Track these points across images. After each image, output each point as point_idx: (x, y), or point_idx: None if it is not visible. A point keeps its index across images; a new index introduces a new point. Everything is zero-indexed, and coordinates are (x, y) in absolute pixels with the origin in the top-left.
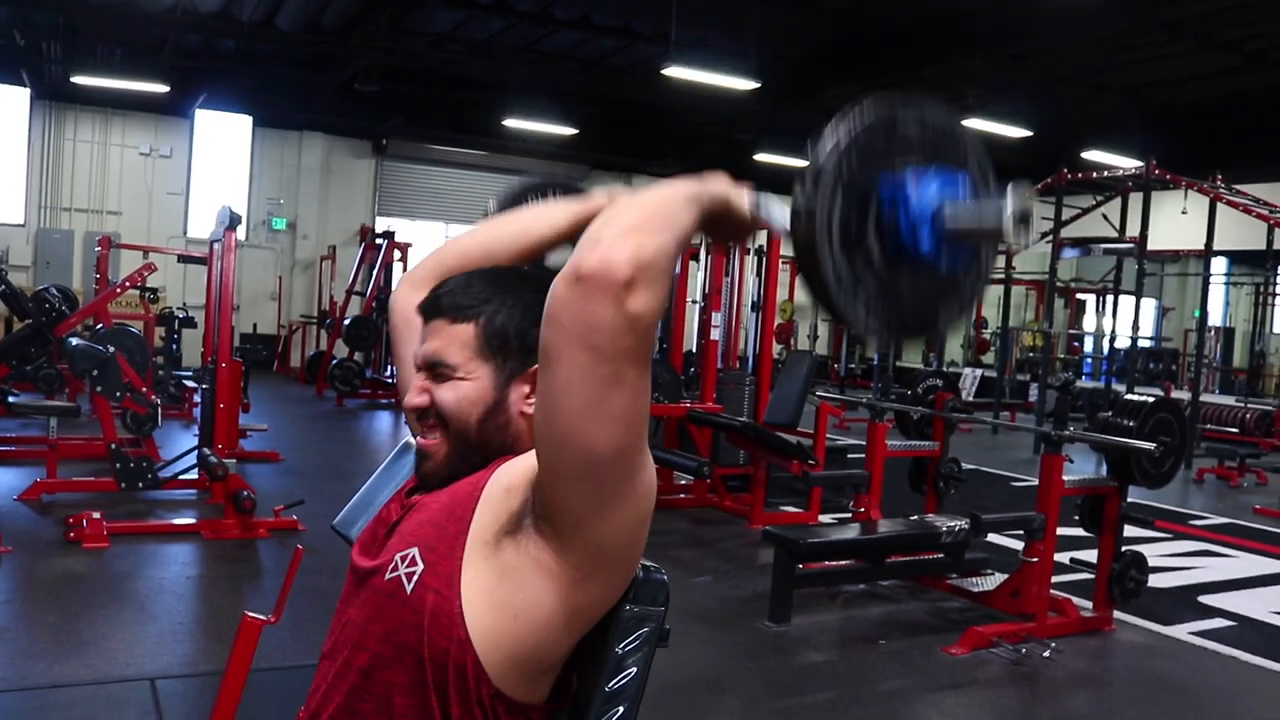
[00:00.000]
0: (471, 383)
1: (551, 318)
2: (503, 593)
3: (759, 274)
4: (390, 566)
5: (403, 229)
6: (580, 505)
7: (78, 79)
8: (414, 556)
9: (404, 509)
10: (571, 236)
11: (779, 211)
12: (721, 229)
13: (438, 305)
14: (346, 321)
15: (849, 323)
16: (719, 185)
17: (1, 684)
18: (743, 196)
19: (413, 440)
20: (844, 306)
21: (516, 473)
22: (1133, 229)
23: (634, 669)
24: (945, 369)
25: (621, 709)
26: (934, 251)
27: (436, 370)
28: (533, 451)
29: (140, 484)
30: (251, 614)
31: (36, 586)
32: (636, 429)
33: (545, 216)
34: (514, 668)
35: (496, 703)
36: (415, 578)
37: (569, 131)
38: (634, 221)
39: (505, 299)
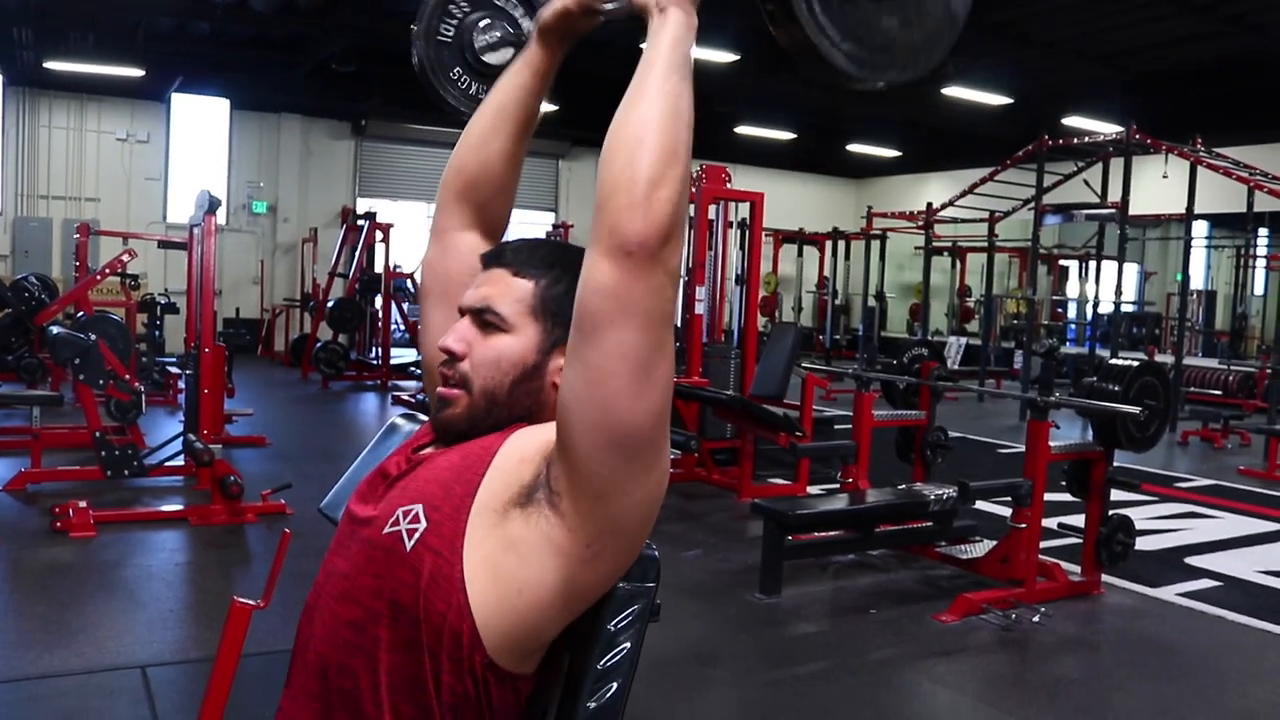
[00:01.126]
0: (516, 339)
1: (598, 288)
2: (508, 565)
3: (742, 247)
4: (390, 520)
5: (384, 209)
6: (609, 476)
7: (51, 65)
8: (417, 513)
9: (410, 463)
10: (540, 85)
11: None
12: None
13: (502, 255)
14: (330, 304)
15: (827, 62)
16: (687, 22)
17: None
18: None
19: (399, 421)
20: (820, 44)
21: (531, 444)
22: (1114, 194)
23: (626, 645)
24: (930, 338)
25: (614, 685)
26: None
27: (484, 317)
28: (549, 425)
29: (126, 472)
30: (241, 599)
31: (24, 577)
32: (671, 393)
33: (506, 83)
34: (510, 640)
35: (488, 672)
36: (416, 535)
37: (549, 108)
38: (663, 148)
39: (569, 270)
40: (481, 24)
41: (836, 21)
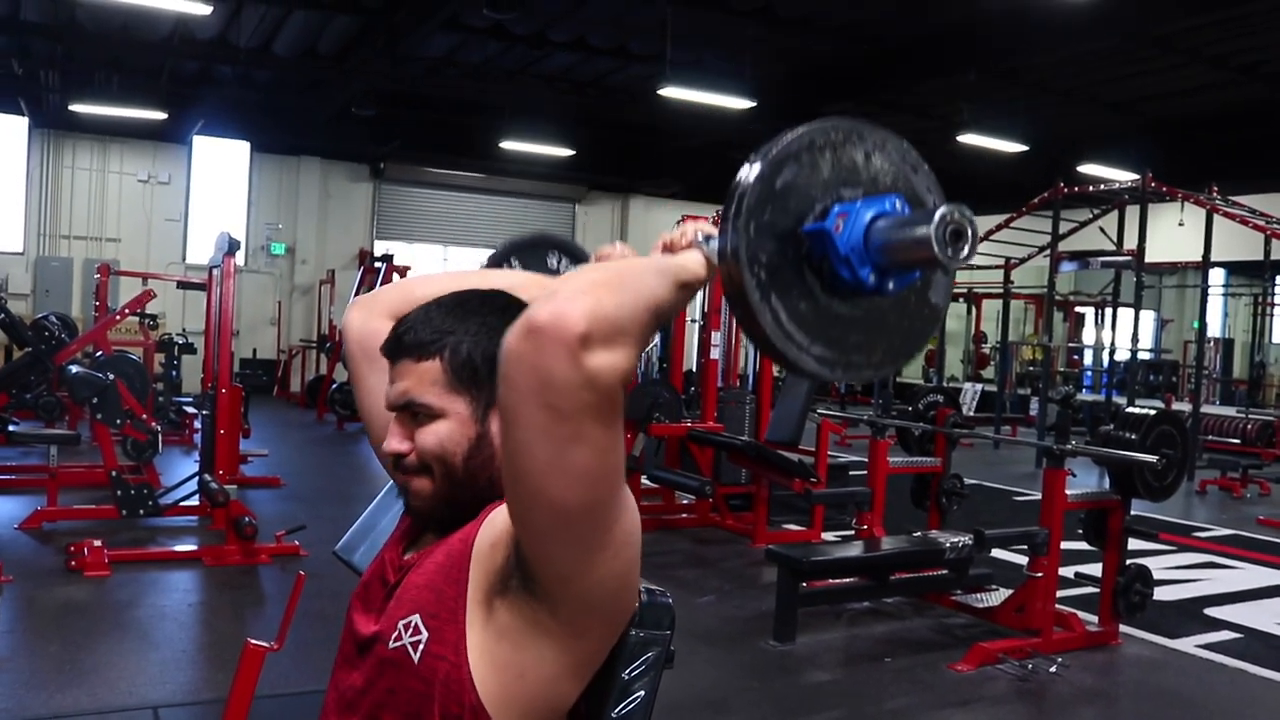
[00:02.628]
0: (450, 420)
1: (506, 375)
2: (504, 654)
3: None
4: (394, 635)
5: (401, 252)
6: (561, 560)
7: (76, 107)
8: (416, 624)
9: (400, 570)
10: None
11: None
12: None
13: (400, 344)
14: None
15: (795, 366)
16: (690, 257)
17: (5, 714)
18: (700, 262)
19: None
20: (787, 351)
21: (499, 527)
22: (1130, 242)
23: (641, 694)
24: (945, 384)
25: None
26: (876, 281)
27: (412, 410)
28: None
29: (141, 511)
30: (255, 641)
31: (38, 616)
32: (606, 484)
33: (517, 285)
34: None
35: None
36: (421, 647)
37: (566, 153)
38: (594, 279)
39: (468, 326)
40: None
41: (806, 327)
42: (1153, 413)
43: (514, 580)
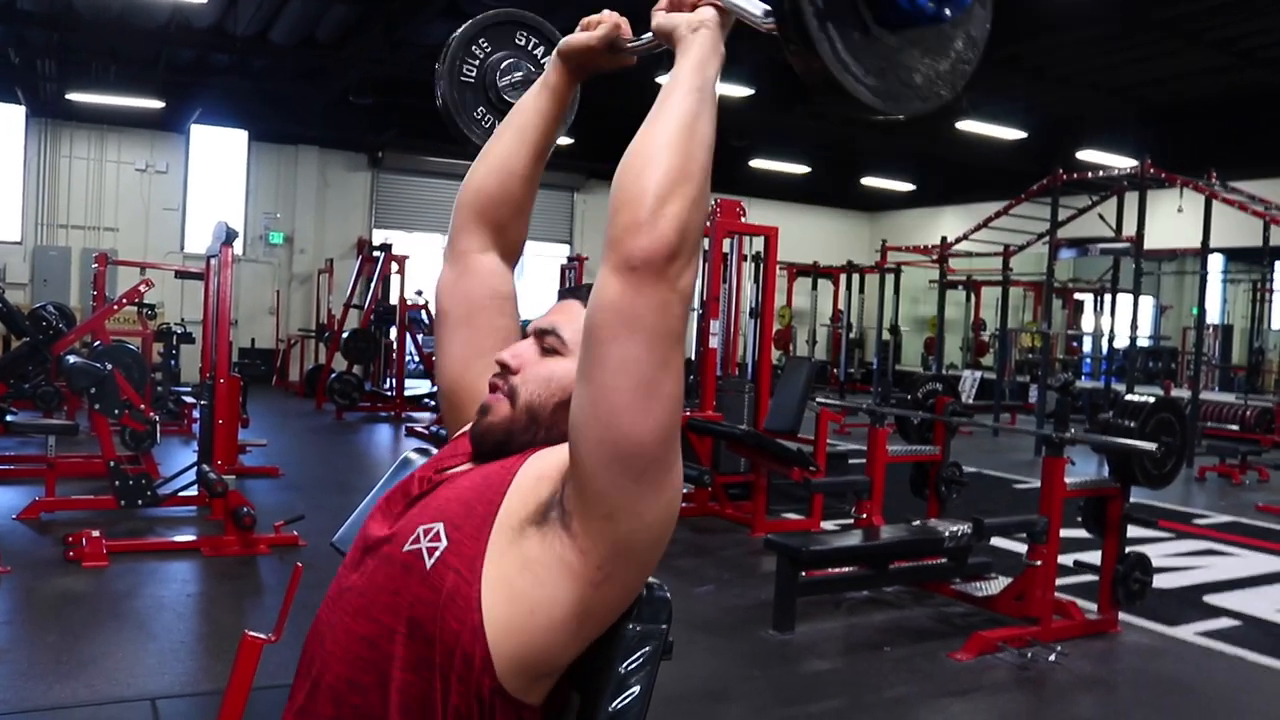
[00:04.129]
0: (572, 364)
1: (604, 304)
2: (522, 585)
3: (756, 280)
4: (411, 537)
5: (400, 241)
6: (617, 495)
7: (73, 96)
8: (438, 532)
9: (431, 483)
10: (559, 109)
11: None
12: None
13: (578, 290)
14: (345, 335)
15: (853, 98)
16: (710, 46)
17: (2, 705)
18: (715, 23)
19: (413, 455)
20: (844, 81)
21: (550, 462)
22: (1129, 228)
23: (637, 688)
24: (945, 371)
25: None
26: (935, 9)
27: (546, 340)
28: (564, 447)
29: (139, 501)
30: (252, 633)
31: (36, 606)
32: (679, 411)
33: (523, 107)
34: (519, 664)
35: (495, 697)
36: (437, 553)
37: (564, 141)
38: (673, 166)
39: None
40: (504, 64)
41: (860, 57)
42: (1152, 400)
43: (554, 514)
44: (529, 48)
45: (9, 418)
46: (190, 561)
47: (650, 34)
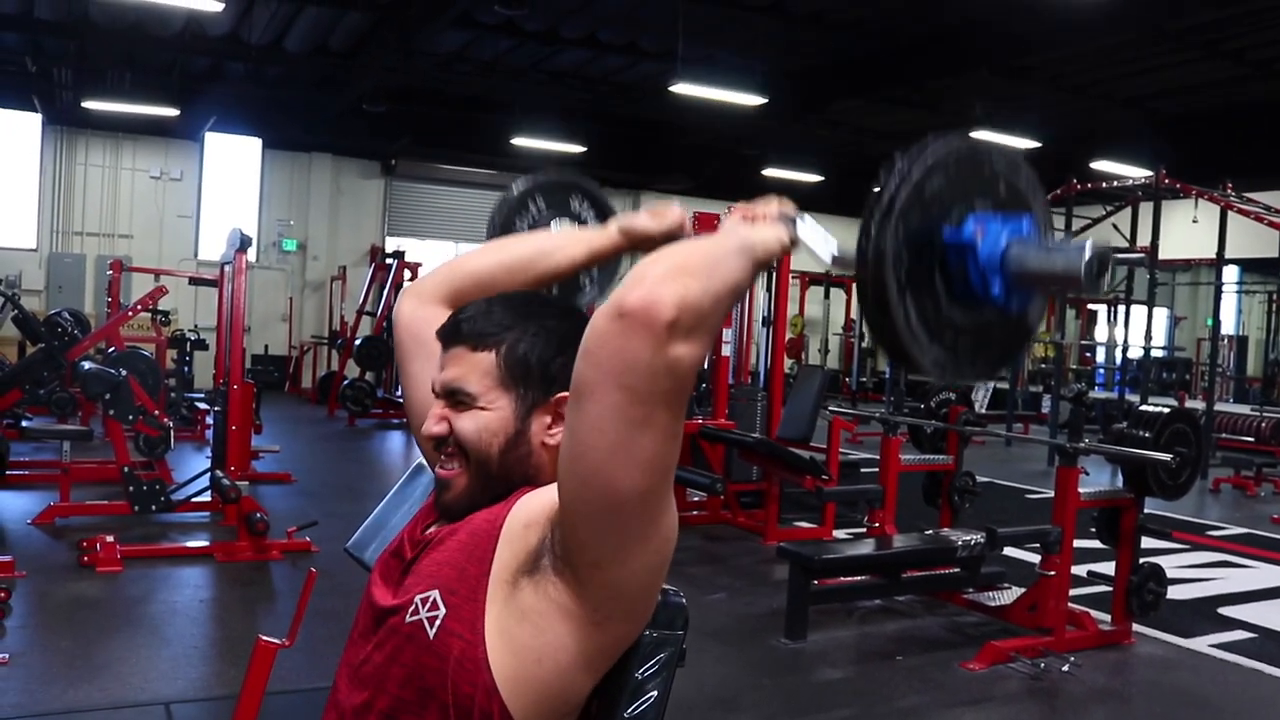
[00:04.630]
0: (492, 412)
1: (588, 352)
2: (524, 636)
3: (769, 289)
4: (410, 609)
5: (412, 248)
6: (600, 546)
7: (89, 104)
8: (435, 600)
9: (420, 545)
10: (586, 268)
11: (818, 240)
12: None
13: (458, 331)
14: (357, 342)
15: (915, 365)
16: (771, 234)
17: (17, 710)
18: (785, 233)
19: (425, 463)
20: (911, 350)
21: (535, 508)
22: (1143, 239)
23: (653, 694)
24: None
25: None
26: (1003, 296)
27: (456, 398)
28: (553, 486)
29: (153, 507)
30: (266, 638)
31: (50, 611)
32: (663, 474)
33: (560, 244)
34: (538, 710)
35: None
36: (438, 622)
37: (577, 149)
38: (682, 263)
39: (528, 326)
40: (553, 224)
41: (928, 330)
42: (1167, 411)
43: (545, 561)
44: (580, 213)
45: (24, 423)
46: (203, 567)
47: None
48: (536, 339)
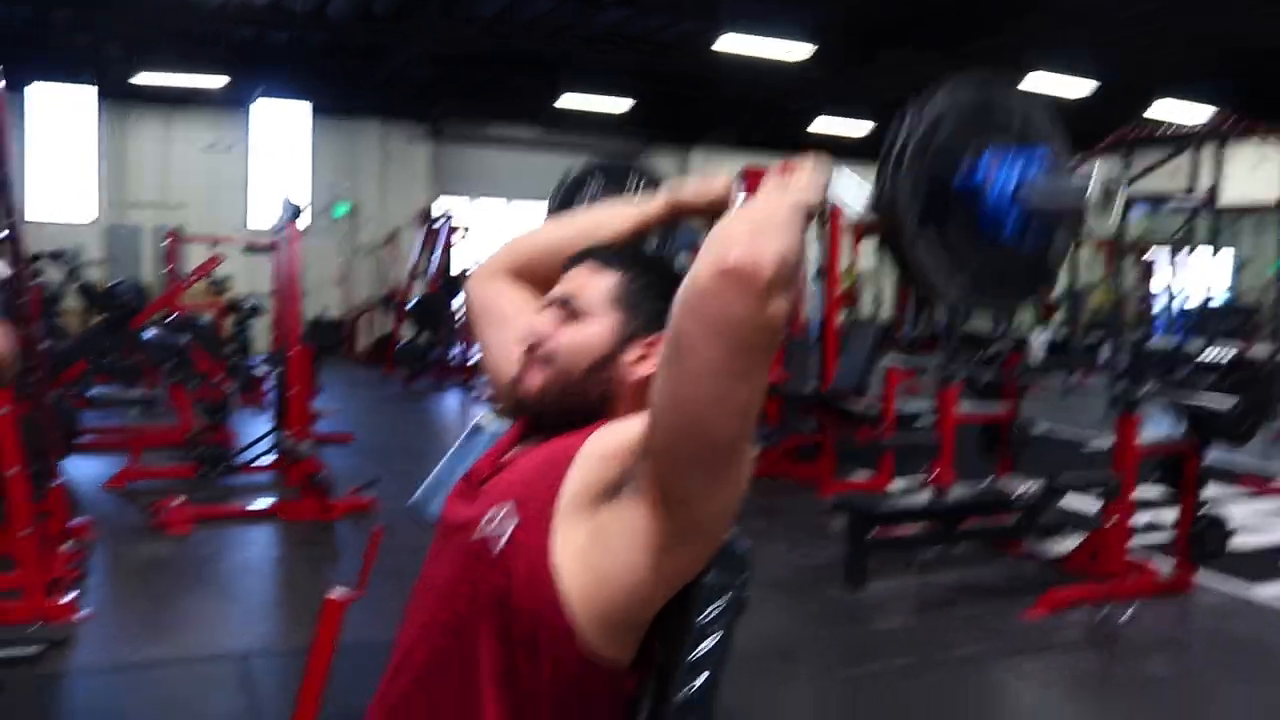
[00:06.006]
0: (594, 329)
1: (691, 308)
2: (594, 556)
3: (821, 240)
4: (481, 524)
5: (462, 209)
6: (692, 486)
7: (139, 77)
8: (506, 514)
9: (496, 467)
10: (637, 237)
11: (852, 191)
12: None
13: (590, 253)
14: (411, 304)
15: (936, 292)
16: (812, 187)
17: (100, 663)
18: (821, 186)
19: (484, 420)
20: (932, 280)
21: (613, 441)
22: (1206, 183)
23: (716, 638)
24: (1014, 331)
25: (704, 677)
26: (1016, 232)
27: (567, 307)
28: (630, 422)
29: (218, 470)
30: (335, 593)
31: (126, 571)
32: (751, 421)
33: (611, 218)
34: (602, 628)
35: (583, 665)
36: (506, 536)
37: (623, 107)
38: (765, 222)
39: (649, 270)
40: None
41: (949, 264)
42: (1230, 357)
43: (627, 489)
44: (635, 190)
45: (93, 392)
46: (268, 527)
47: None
48: (654, 280)
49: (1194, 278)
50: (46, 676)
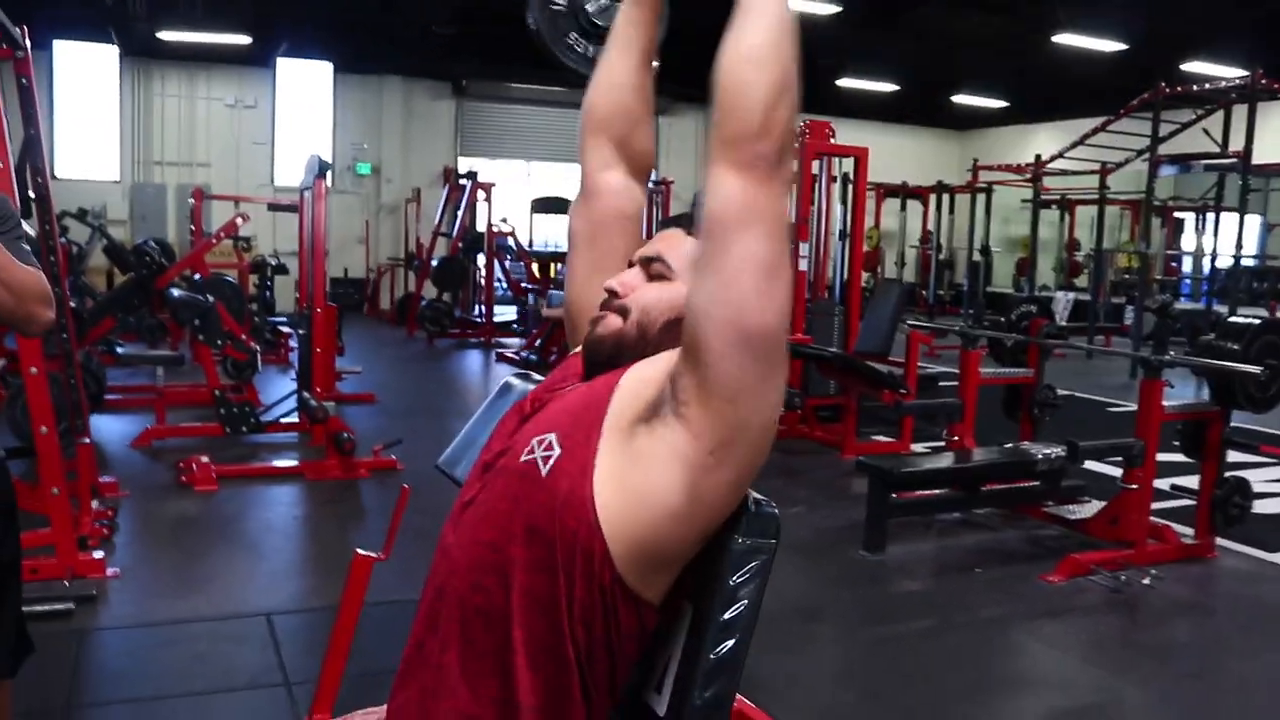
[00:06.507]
0: (678, 288)
1: (728, 199)
2: (633, 478)
3: (844, 202)
4: (526, 449)
5: (485, 168)
6: (744, 376)
7: (163, 35)
8: (551, 441)
9: (542, 401)
10: (653, 11)
11: None
12: None
13: (680, 218)
14: (434, 263)
15: None
16: None
17: (131, 619)
18: None
19: (513, 380)
20: None
21: (649, 369)
22: (1236, 143)
23: (746, 600)
24: (1037, 293)
25: (735, 639)
26: None
27: (652, 266)
28: (664, 355)
29: (243, 429)
30: (363, 551)
31: (154, 529)
32: (792, 294)
33: (621, 19)
34: (637, 555)
35: (616, 587)
36: (551, 461)
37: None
38: (776, 71)
39: None
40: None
41: None
42: (1257, 322)
43: (666, 409)
44: None
45: (119, 350)
46: (294, 485)
47: None
48: None
49: (1222, 240)
50: (77, 632)
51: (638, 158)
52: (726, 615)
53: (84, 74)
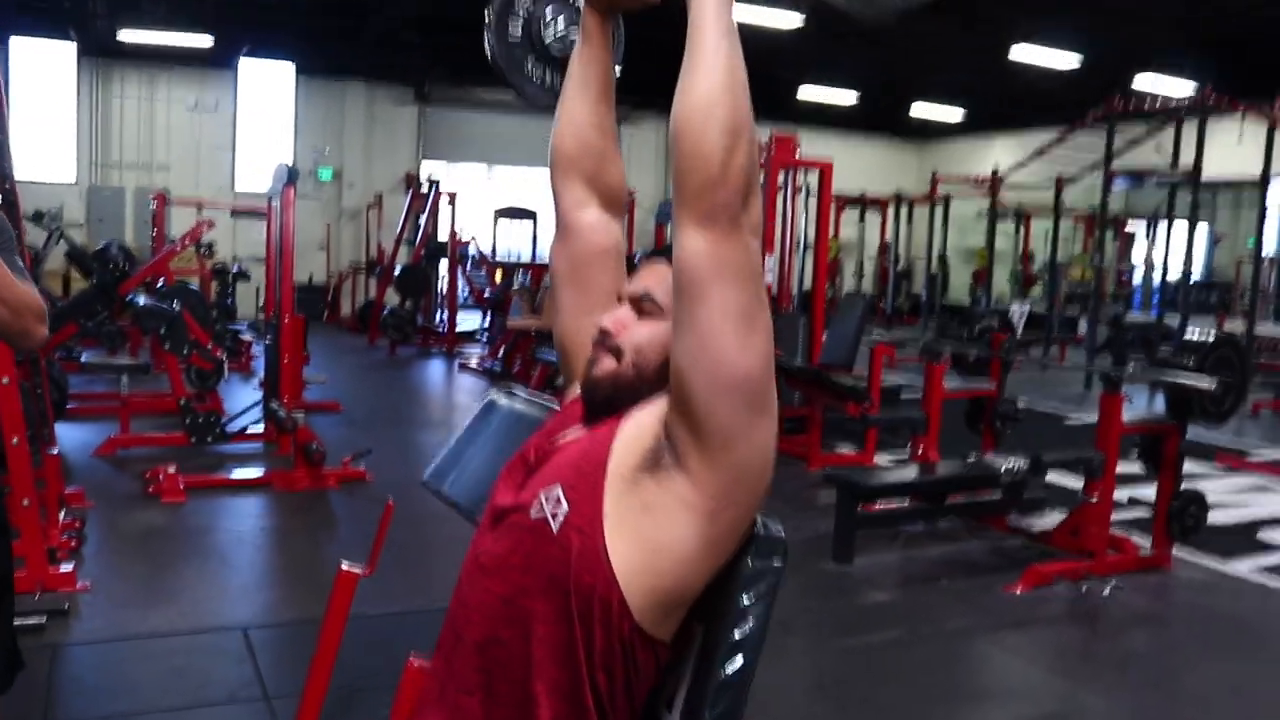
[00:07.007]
0: (669, 328)
1: (695, 254)
2: (646, 529)
3: (808, 213)
4: (534, 505)
5: (446, 174)
6: (734, 423)
7: (123, 34)
8: (559, 496)
9: (545, 451)
10: (604, 49)
11: None
12: None
13: (664, 251)
14: (396, 270)
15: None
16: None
17: (103, 633)
18: None
19: (497, 397)
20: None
21: (645, 417)
22: (1187, 157)
23: (755, 619)
24: (993, 304)
25: (744, 657)
26: None
27: (642, 304)
28: (659, 401)
29: (209, 438)
30: (348, 566)
31: (122, 540)
32: (772, 338)
33: (575, 56)
34: (654, 603)
35: (634, 636)
36: (560, 517)
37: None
38: (729, 116)
39: None
40: (547, 16)
41: None
42: (1213, 338)
43: (666, 459)
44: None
45: (84, 358)
46: (262, 496)
47: None
48: None
49: (1172, 252)
50: (49, 646)
51: (609, 191)
52: (736, 635)
53: (40, 72)
